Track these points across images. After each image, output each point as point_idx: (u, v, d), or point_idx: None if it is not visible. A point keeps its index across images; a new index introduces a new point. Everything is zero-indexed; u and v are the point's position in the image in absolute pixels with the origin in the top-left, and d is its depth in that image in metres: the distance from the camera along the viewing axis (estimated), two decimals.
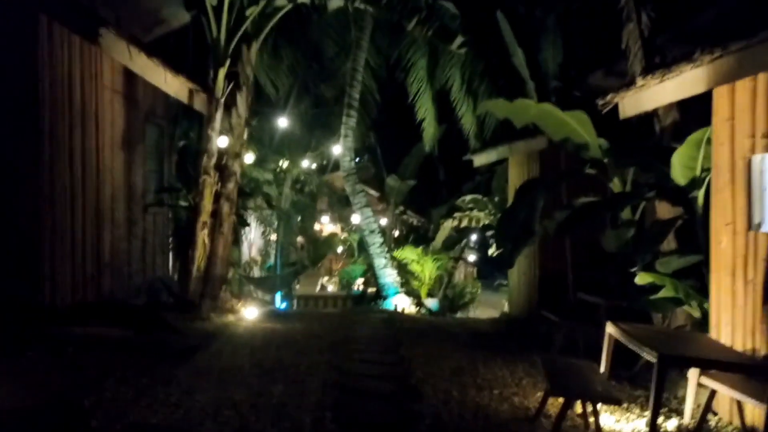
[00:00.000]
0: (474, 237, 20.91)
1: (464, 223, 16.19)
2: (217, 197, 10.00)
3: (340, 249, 23.98)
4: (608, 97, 6.82)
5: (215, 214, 9.98)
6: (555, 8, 14.86)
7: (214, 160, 9.55)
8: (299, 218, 21.55)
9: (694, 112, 7.52)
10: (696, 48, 5.89)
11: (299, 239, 23.70)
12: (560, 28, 14.91)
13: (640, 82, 5.98)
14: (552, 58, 14.98)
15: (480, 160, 14.33)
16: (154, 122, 11.00)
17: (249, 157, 17.87)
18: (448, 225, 16.29)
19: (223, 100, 9.59)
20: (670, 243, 7.35)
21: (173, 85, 9.37)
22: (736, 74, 5.01)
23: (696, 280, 6.80)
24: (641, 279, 6.60)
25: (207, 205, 9.51)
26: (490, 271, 26.68)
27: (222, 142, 9.84)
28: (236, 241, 19.29)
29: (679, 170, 6.86)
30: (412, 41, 15.18)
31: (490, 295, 21.49)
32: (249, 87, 10.28)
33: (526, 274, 12.98)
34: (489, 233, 20.24)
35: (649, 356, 4.73)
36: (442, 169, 23.28)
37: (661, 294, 6.57)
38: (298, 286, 19.74)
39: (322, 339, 8.25)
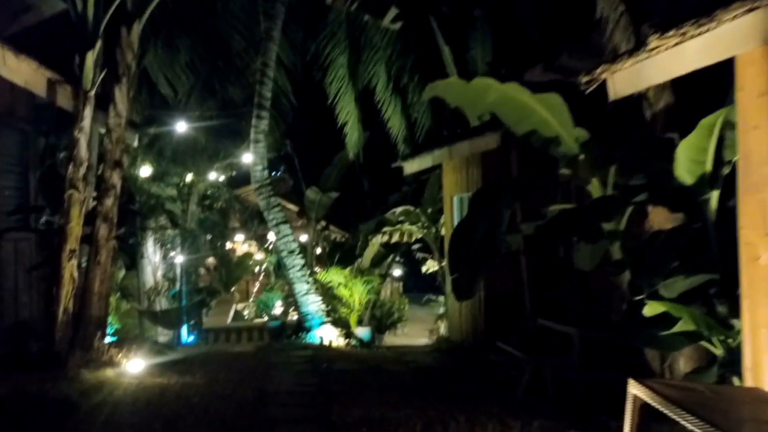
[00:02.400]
0: None
1: (395, 238, 14.50)
2: (92, 218, 7.88)
3: (257, 269, 21.88)
4: (597, 72, 5.19)
5: (89, 238, 7.85)
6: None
7: (83, 170, 7.42)
8: (208, 238, 19.33)
9: (688, 94, 6.07)
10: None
11: (209, 261, 21.43)
12: (490, 23, 13.72)
13: (654, 42, 4.37)
14: (481, 57, 13.74)
15: (411, 167, 12.66)
16: (13, 126, 8.77)
17: (145, 170, 15.64)
18: (377, 241, 14.57)
19: (93, 93, 7.48)
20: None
21: (21, 72, 7.16)
22: None
23: (702, 304, 5.27)
24: (651, 309, 4.97)
25: (75, 227, 7.36)
26: (415, 284, 25.31)
27: (92, 147, 7.73)
28: (134, 266, 16.96)
29: (684, 165, 5.29)
30: (331, 34, 13.43)
31: (417, 309, 20.11)
32: (131, 79, 8.23)
33: None
34: (416, 246, 18.73)
35: None
36: (366, 179, 21.51)
37: (678, 327, 4.96)
38: (207, 316, 17.53)
39: (227, 401, 6.26)
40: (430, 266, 15.53)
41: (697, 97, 5.61)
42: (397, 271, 22.12)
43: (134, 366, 7.33)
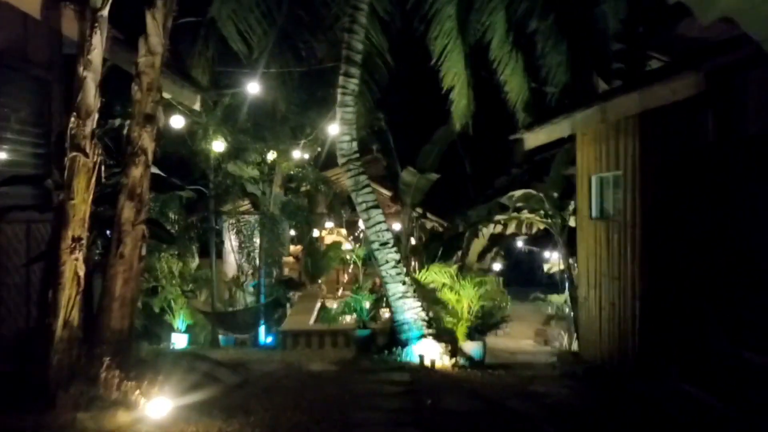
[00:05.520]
0: None
1: (510, 229, 11.84)
2: (111, 194, 5.70)
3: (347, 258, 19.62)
4: None
5: (111, 221, 5.68)
6: None
7: (91, 124, 5.20)
8: (293, 224, 17.23)
9: None
10: None
11: (294, 249, 19.39)
12: None
13: None
14: (613, 12, 11.11)
15: (536, 138, 9.97)
16: (27, 72, 6.72)
17: (219, 145, 13.63)
18: (487, 232, 11.94)
19: (106, 13, 5.25)
20: None
21: None
22: None
23: None
24: None
25: (81, 206, 5.15)
26: (514, 277, 22.83)
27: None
28: (206, 253, 15.11)
29: None
30: None
31: (518, 305, 17.48)
32: (170, 4, 5.95)
33: (614, 303, 8.75)
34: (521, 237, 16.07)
35: None
36: (468, 159, 18.81)
37: None
38: (291, 307, 15.41)
39: None
40: (554, 265, 12.76)
41: None
42: (496, 265, 19.62)
43: (156, 408, 5.06)
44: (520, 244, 21.39)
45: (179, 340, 14.65)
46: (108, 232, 6.16)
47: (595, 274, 9.47)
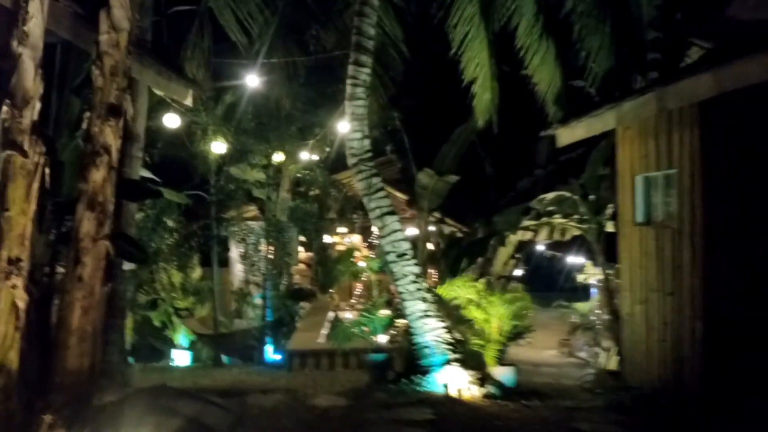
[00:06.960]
0: None
1: (541, 236, 10.69)
2: (68, 203, 4.62)
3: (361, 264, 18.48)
4: None
5: (66, 238, 4.60)
6: None
7: (30, 114, 4.11)
8: (300, 230, 16.15)
9: None
10: None
11: (303, 255, 18.29)
12: None
13: None
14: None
15: (573, 133, 8.82)
16: None
17: (219, 147, 12.56)
18: (515, 239, 10.79)
19: None
20: None
21: None
22: None
23: None
24: None
25: (18, 219, 4.05)
26: (533, 283, 21.76)
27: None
28: (207, 263, 14.08)
29: None
30: None
31: (540, 312, 16.25)
32: None
33: (666, 322, 7.67)
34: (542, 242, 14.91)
35: None
36: (488, 161, 17.63)
37: None
38: (300, 320, 14.30)
39: None
40: (590, 274, 11.59)
41: None
42: (517, 271, 18.50)
43: None
44: (540, 248, 20.35)
45: (180, 357, 13.61)
46: None
47: (641, 288, 8.35)
